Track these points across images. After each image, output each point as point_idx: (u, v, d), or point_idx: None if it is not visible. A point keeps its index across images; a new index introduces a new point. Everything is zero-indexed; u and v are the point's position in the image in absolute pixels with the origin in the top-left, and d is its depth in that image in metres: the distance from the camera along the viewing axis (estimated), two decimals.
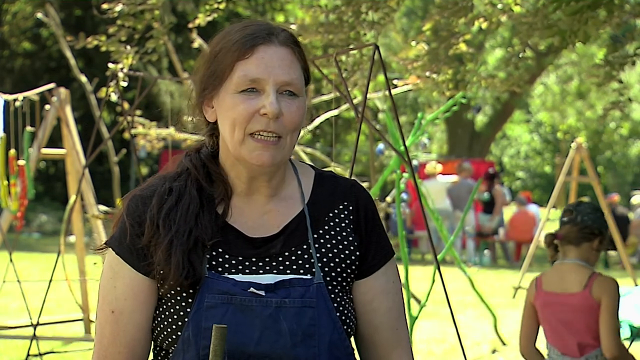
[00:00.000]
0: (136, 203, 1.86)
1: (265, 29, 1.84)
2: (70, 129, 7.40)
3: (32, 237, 18.37)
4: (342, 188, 1.94)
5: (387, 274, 1.93)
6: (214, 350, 1.64)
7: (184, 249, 1.80)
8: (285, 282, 1.82)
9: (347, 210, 1.91)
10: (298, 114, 1.83)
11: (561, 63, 24.65)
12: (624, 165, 39.65)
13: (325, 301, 1.82)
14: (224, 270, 1.83)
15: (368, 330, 1.92)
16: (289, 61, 1.83)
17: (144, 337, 1.86)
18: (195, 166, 1.89)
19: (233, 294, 1.79)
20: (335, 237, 1.89)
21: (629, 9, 4.52)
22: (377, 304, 1.91)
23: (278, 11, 24.51)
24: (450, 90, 5.11)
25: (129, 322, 1.84)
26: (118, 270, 1.85)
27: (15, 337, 7.25)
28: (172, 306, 1.82)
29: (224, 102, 1.83)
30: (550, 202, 11.54)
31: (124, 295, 1.84)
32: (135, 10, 5.41)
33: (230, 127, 1.82)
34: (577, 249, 3.92)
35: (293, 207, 1.90)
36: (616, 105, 4.75)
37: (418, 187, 5.07)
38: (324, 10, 4.86)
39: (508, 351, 7.78)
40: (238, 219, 1.87)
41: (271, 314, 1.78)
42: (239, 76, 1.81)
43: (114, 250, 1.86)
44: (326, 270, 1.85)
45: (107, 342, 1.86)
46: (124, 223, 1.86)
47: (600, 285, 3.85)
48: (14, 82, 21.23)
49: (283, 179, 1.90)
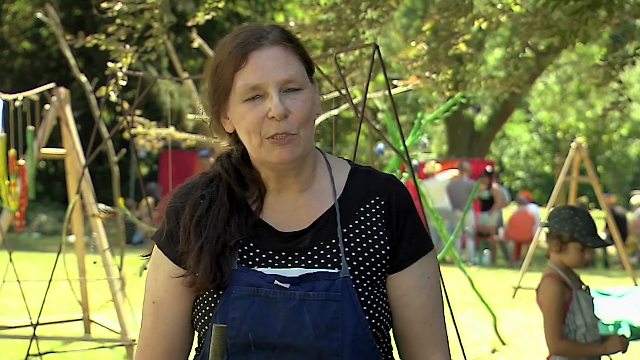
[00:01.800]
0: (174, 200, 1.94)
1: (255, 34, 1.86)
2: (70, 129, 7.39)
3: (32, 237, 18.37)
4: (377, 182, 1.95)
5: (422, 269, 1.93)
6: (214, 350, 1.64)
7: (212, 254, 1.85)
8: (311, 275, 1.85)
9: (379, 205, 1.93)
10: (305, 108, 1.86)
11: (561, 63, 24.64)
12: (624, 165, 39.66)
13: (351, 295, 1.83)
14: (254, 264, 1.87)
15: (401, 326, 1.93)
16: (284, 59, 1.85)
17: (183, 328, 1.92)
18: (227, 171, 1.94)
19: (259, 287, 1.83)
20: (366, 231, 1.90)
21: (629, 9, 4.52)
22: (409, 299, 1.92)
23: (278, 11, 24.49)
24: (450, 90, 5.11)
25: (168, 313, 1.91)
26: (160, 263, 1.93)
27: (15, 337, 7.24)
28: (207, 297, 1.88)
29: (235, 114, 1.87)
30: (550, 202, 11.54)
31: (164, 287, 1.91)
32: (135, 9, 5.41)
33: (246, 135, 1.86)
34: (552, 254, 4.21)
35: (324, 202, 1.93)
36: (616, 105, 4.75)
37: (418, 187, 5.07)
38: (324, 8, 4.85)
39: (508, 351, 7.78)
40: (270, 215, 1.92)
41: (295, 306, 1.81)
42: (240, 87, 1.84)
43: (157, 245, 1.94)
44: (354, 264, 1.87)
45: (148, 333, 1.93)
46: (164, 220, 1.94)
47: (541, 286, 4.18)
48: (14, 82, 21.22)
49: (313, 173, 1.94)
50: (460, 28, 4.86)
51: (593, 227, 4.13)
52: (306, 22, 5.09)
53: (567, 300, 4.11)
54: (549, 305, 4.10)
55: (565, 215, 4.13)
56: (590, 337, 4.12)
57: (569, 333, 4.10)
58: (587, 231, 4.10)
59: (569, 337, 4.10)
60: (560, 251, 4.15)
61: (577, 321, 4.09)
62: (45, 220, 20.02)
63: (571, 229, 4.10)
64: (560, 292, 4.10)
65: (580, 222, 4.10)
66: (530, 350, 7.78)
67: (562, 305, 4.09)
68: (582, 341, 4.10)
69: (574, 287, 4.16)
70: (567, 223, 4.11)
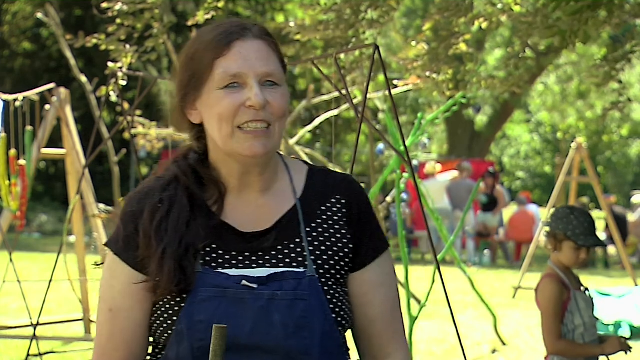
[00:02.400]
0: (131, 205, 1.90)
1: (239, 25, 1.88)
2: (70, 129, 7.40)
3: (32, 237, 18.37)
4: (335, 182, 1.96)
5: (382, 266, 1.95)
6: (214, 350, 1.64)
7: (175, 257, 1.82)
8: (278, 275, 1.84)
9: (339, 203, 1.94)
10: (283, 101, 1.86)
11: (561, 63, 24.63)
12: (624, 165, 39.65)
13: (318, 294, 1.84)
14: (218, 265, 1.85)
15: (363, 323, 1.94)
16: (265, 53, 1.86)
17: (141, 334, 1.89)
18: (184, 172, 1.91)
19: (226, 287, 1.82)
20: (328, 230, 1.91)
21: (629, 9, 4.52)
22: (371, 296, 1.93)
23: (278, 11, 24.51)
24: (450, 90, 5.11)
25: (126, 320, 1.87)
26: (115, 269, 1.89)
27: (15, 337, 7.25)
28: (167, 302, 1.85)
29: (209, 101, 1.85)
30: (550, 202, 11.54)
31: (121, 294, 1.87)
32: (135, 9, 5.41)
33: (217, 122, 1.84)
34: (552, 254, 4.24)
35: (285, 201, 1.92)
36: (616, 105, 4.75)
37: (418, 187, 5.07)
38: (324, 8, 4.85)
39: (508, 351, 7.78)
40: (231, 215, 1.90)
41: (263, 306, 1.80)
42: (220, 73, 1.83)
43: (112, 251, 1.90)
44: (319, 263, 1.88)
45: (105, 340, 1.89)
46: (120, 225, 1.90)
47: (539, 286, 4.20)
48: (14, 82, 21.23)
49: (275, 173, 1.93)
50: (460, 28, 4.86)
51: (588, 226, 4.13)
52: (306, 22, 5.09)
53: (566, 300, 4.12)
54: (547, 305, 4.11)
55: (561, 214, 4.16)
56: (588, 337, 4.13)
57: (567, 333, 4.11)
58: (581, 230, 4.11)
59: (567, 336, 4.10)
60: (556, 250, 4.17)
61: (575, 321, 4.10)
62: (45, 220, 20.03)
63: (565, 227, 4.12)
64: (558, 291, 4.11)
65: (575, 220, 4.12)
66: (530, 350, 7.78)
67: (560, 305, 4.10)
68: (580, 341, 4.10)
69: (573, 287, 4.17)
70: (562, 222, 4.14)
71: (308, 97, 10.74)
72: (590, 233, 4.13)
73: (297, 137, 9.93)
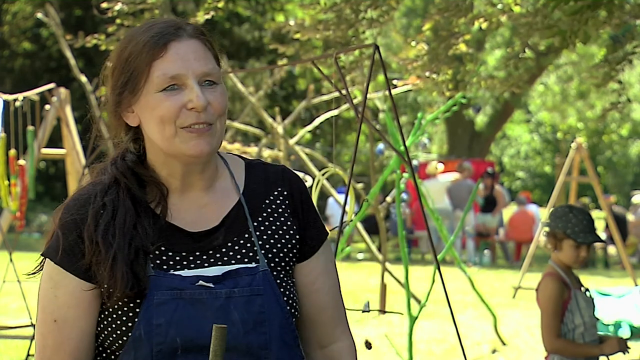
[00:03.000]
0: (70, 213, 1.86)
1: (172, 25, 1.85)
2: (70, 129, 7.40)
3: (32, 237, 18.38)
4: (274, 174, 1.97)
5: (325, 253, 1.98)
6: (214, 350, 1.64)
7: (126, 261, 1.79)
8: (232, 272, 1.84)
9: (282, 195, 1.95)
10: (223, 100, 1.85)
11: (561, 63, 24.63)
12: (624, 165, 39.64)
13: (272, 287, 1.85)
14: (169, 268, 1.84)
15: (312, 310, 1.95)
16: (202, 52, 1.84)
17: (87, 344, 1.85)
18: (124, 174, 1.88)
19: (182, 289, 1.80)
20: (275, 222, 1.92)
21: (629, 9, 4.52)
22: (320, 284, 1.95)
23: (278, 11, 24.49)
24: (450, 90, 5.11)
25: (72, 330, 1.83)
26: (59, 279, 1.84)
27: (15, 337, 7.25)
28: (120, 308, 1.82)
29: (147, 104, 1.82)
30: (550, 202, 11.54)
31: (66, 304, 1.83)
32: (135, 9, 5.41)
33: (158, 125, 1.81)
34: (552, 253, 4.25)
35: (229, 198, 1.92)
36: (615, 105, 4.75)
37: (418, 187, 5.07)
38: (323, 8, 4.85)
39: (508, 351, 7.78)
40: (177, 216, 1.88)
41: (222, 304, 1.80)
42: (158, 76, 1.80)
43: (52, 261, 1.85)
44: (270, 256, 1.88)
45: (50, 352, 1.85)
46: (59, 233, 1.85)
47: (540, 284, 4.23)
48: (14, 82, 21.23)
49: (215, 171, 1.92)
50: (460, 28, 4.86)
51: (587, 224, 4.14)
52: (306, 22, 5.09)
53: (566, 299, 4.12)
54: (547, 303, 4.12)
55: (560, 212, 4.17)
56: (588, 336, 4.13)
57: (567, 332, 4.11)
58: (580, 228, 4.12)
59: (566, 336, 4.10)
60: (556, 248, 4.17)
61: (575, 320, 4.10)
62: (45, 220, 20.02)
63: (564, 225, 4.13)
64: (559, 290, 4.11)
65: (574, 219, 4.13)
66: (530, 350, 7.78)
67: (560, 304, 4.10)
68: (579, 341, 4.10)
69: (573, 286, 4.17)
70: (561, 220, 4.15)
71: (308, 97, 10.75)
72: (589, 230, 4.14)
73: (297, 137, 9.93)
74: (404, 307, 5.86)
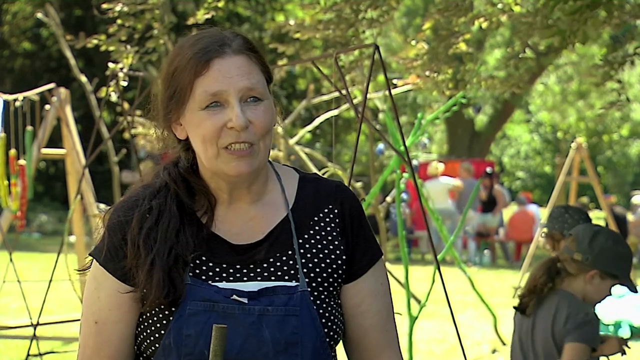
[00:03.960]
0: (117, 214, 1.86)
1: (217, 41, 1.81)
2: (70, 129, 7.40)
3: (32, 237, 18.37)
4: (327, 191, 1.92)
5: (376, 275, 1.91)
6: (214, 350, 1.64)
7: (164, 268, 1.79)
8: (269, 289, 1.81)
9: (332, 213, 1.90)
10: (266, 118, 1.81)
11: (561, 63, 24.63)
12: (624, 165, 39.64)
13: (309, 309, 1.81)
14: (208, 278, 1.82)
15: (358, 333, 1.90)
16: (246, 68, 1.80)
17: (127, 347, 1.85)
18: (175, 180, 1.87)
19: (215, 301, 1.79)
20: (321, 241, 1.87)
21: (629, 9, 4.52)
22: (366, 306, 1.89)
23: (278, 11, 24.50)
24: (450, 89, 5.11)
25: (112, 333, 1.84)
26: (102, 281, 1.85)
27: (15, 337, 7.25)
28: (156, 314, 1.81)
29: (191, 121, 1.81)
30: (551, 202, 11.54)
31: (108, 306, 1.84)
32: (136, 10, 5.41)
33: (201, 144, 1.80)
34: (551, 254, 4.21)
35: (277, 212, 1.88)
36: (614, 104, 4.75)
37: (418, 187, 5.07)
38: (323, 8, 4.85)
39: (508, 351, 7.78)
40: (222, 227, 1.86)
41: (254, 321, 1.78)
42: (200, 93, 1.78)
43: (97, 262, 1.86)
44: (311, 276, 1.84)
45: (90, 353, 1.86)
46: (105, 235, 1.86)
47: None
48: (14, 82, 21.23)
49: (265, 184, 1.89)
50: (460, 27, 4.86)
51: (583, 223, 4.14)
52: (306, 22, 5.09)
53: None
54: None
55: (556, 213, 4.17)
56: None
57: None
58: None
59: None
60: (554, 249, 4.16)
61: None
62: (45, 220, 20.02)
63: (561, 226, 4.13)
64: None
65: (570, 218, 4.12)
66: None
67: None
68: None
69: None
70: (557, 221, 4.14)
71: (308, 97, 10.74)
72: None
73: (297, 137, 9.92)
74: (404, 307, 5.86)
